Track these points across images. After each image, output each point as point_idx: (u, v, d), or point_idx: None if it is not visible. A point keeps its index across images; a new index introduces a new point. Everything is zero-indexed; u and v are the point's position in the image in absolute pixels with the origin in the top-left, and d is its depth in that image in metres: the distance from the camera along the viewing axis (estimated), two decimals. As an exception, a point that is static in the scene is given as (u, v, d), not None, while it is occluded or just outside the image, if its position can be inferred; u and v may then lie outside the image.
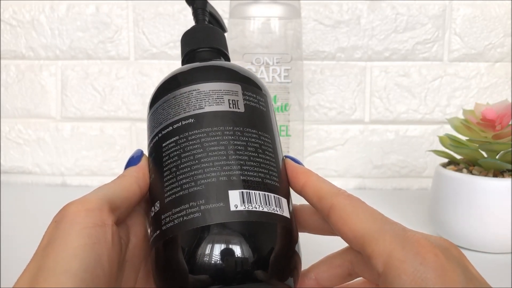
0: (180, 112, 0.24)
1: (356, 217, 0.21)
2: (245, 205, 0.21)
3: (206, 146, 0.23)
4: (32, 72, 0.67)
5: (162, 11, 0.65)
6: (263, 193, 0.22)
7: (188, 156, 0.23)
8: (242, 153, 0.23)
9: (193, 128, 0.23)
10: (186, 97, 0.25)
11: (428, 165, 0.66)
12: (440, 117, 0.66)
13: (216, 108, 0.24)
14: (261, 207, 0.22)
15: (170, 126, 0.24)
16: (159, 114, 0.25)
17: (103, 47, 0.66)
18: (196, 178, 0.22)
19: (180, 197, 0.22)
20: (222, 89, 0.25)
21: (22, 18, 0.66)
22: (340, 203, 0.22)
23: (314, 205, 0.24)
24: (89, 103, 0.67)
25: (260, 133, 0.24)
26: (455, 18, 0.64)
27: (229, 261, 0.20)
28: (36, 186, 0.67)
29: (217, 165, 0.22)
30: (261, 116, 0.25)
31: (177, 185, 0.22)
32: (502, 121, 0.42)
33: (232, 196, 0.21)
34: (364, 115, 0.66)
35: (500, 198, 0.40)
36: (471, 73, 0.65)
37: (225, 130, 0.23)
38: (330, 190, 0.23)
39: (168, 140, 0.24)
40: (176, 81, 0.26)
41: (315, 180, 0.24)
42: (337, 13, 0.64)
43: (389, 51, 0.65)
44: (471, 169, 0.43)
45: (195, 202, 0.21)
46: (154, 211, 0.23)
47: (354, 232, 0.21)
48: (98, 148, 0.67)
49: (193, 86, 0.25)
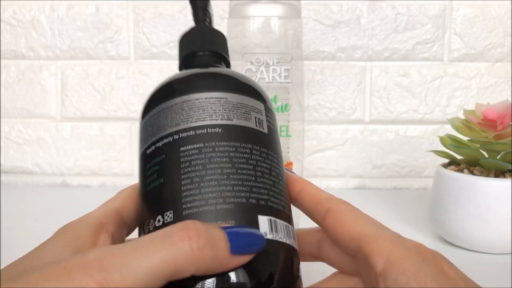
0: (205, 117, 0.22)
1: (354, 220, 0.22)
2: (273, 234, 0.20)
3: (235, 162, 0.21)
4: (32, 72, 0.67)
5: (162, 11, 0.65)
6: (285, 224, 0.21)
7: (215, 169, 0.21)
8: (268, 177, 0.22)
9: (221, 139, 0.22)
10: (213, 104, 0.23)
11: (428, 165, 0.66)
12: (440, 117, 0.66)
13: (245, 123, 0.23)
14: (285, 238, 0.21)
15: (192, 131, 0.22)
16: (175, 113, 0.23)
17: (103, 47, 0.66)
18: (225, 194, 0.20)
19: (204, 213, 0.20)
20: (249, 104, 0.24)
21: (22, 18, 0.66)
22: (338, 207, 0.23)
23: (309, 210, 0.24)
24: (89, 103, 0.67)
25: (279, 159, 0.24)
26: (455, 18, 0.64)
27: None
28: (36, 186, 0.67)
29: (246, 185, 0.21)
30: (278, 141, 0.25)
31: (201, 198, 0.20)
32: (503, 121, 0.42)
33: (262, 222, 0.20)
34: (364, 115, 0.66)
35: (501, 199, 0.40)
36: (471, 73, 0.65)
37: (253, 149, 0.22)
38: (327, 196, 0.24)
39: (190, 145, 0.22)
40: (202, 82, 0.24)
41: (312, 187, 0.25)
42: (337, 13, 0.64)
43: (389, 51, 0.65)
44: (472, 169, 0.43)
45: (223, 221, 0.20)
46: (163, 221, 0.20)
47: (351, 233, 0.21)
48: (98, 148, 0.67)
49: (222, 93, 0.23)
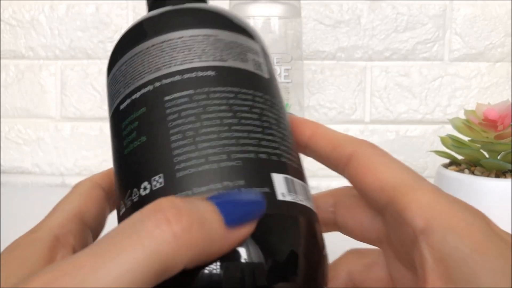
0: (193, 59, 0.18)
1: (385, 165, 0.18)
2: (291, 195, 0.17)
3: (237, 111, 0.17)
4: (32, 72, 0.66)
5: (162, 11, 0.65)
6: (302, 183, 0.18)
7: (212, 119, 0.17)
8: (277, 128, 0.18)
9: (216, 83, 0.18)
10: (200, 42, 0.19)
11: (429, 165, 0.66)
12: (440, 117, 0.66)
13: (242, 65, 0.19)
14: (305, 200, 0.17)
15: (178, 75, 0.18)
16: (154, 56, 0.19)
17: (103, 47, 0.66)
18: (229, 149, 0.16)
19: (205, 173, 0.16)
20: (244, 44, 0.20)
21: (22, 18, 0.66)
22: (364, 151, 0.19)
23: (326, 156, 0.20)
24: (89, 103, 0.66)
25: (285, 109, 0.20)
26: (456, 18, 0.64)
27: (276, 263, 0.15)
28: (35, 186, 0.67)
29: (253, 138, 0.17)
30: (278, 88, 0.21)
31: (199, 155, 0.16)
32: (504, 121, 0.42)
33: (277, 181, 0.16)
34: (364, 115, 0.66)
35: (502, 199, 0.40)
36: (472, 73, 0.65)
37: (255, 95, 0.18)
38: (349, 138, 0.19)
39: (177, 93, 0.17)
40: (184, 17, 0.20)
41: (326, 129, 0.20)
42: (337, 12, 0.64)
43: (390, 51, 0.65)
44: (472, 169, 0.43)
45: (231, 182, 0.16)
46: (150, 188, 0.16)
47: (382, 182, 0.17)
48: (98, 148, 0.67)
49: (211, 30, 0.19)
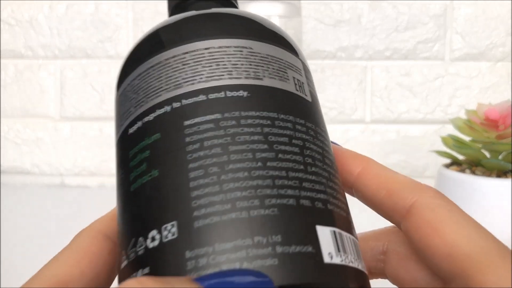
0: (221, 75, 0.15)
1: (456, 225, 0.14)
2: (340, 255, 0.13)
3: (273, 142, 0.14)
4: (31, 71, 0.66)
5: (162, 10, 0.65)
6: (351, 238, 0.14)
7: (243, 152, 0.13)
8: (322, 165, 0.15)
9: (249, 106, 0.14)
10: (231, 55, 0.16)
11: (430, 165, 0.66)
12: (441, 117, 0.65)
13: (281, 85, 0.16)
14: (356, 261, 0.14)
15: (202, 95, 0.15)
16: (174, 69, 0.15)
17: (102, 46, 0.65)
18: (263, 193, 0.13)
19: (231, 223, 0.12)
20: (284, 59, 0.17)
21: (21, 17, 0.65)
22: (428, 202, 0.15)
23: (378, 201, 0.16)
24: (88, 103, 0.66)
25: (329, 139, 0.17)
26: (457, 17, 0.64)
27: None
28: (34, 186, 0.67)
29: (293, 178, 0.13)
30: (321, 113, 0.17)
31: (223, 199, 0.13)
32: (505, 121, 0.42)
33: (322, 237, 0.13)
34: (365, 114, 0.66)
35: (503, 199, 0.39)
36: (473, 73, 0.65)
37: (296, 123, 0.15)
38: (408, 183, 0.16)
39: (199, 117, 0.14)
40: (212, 24, 0.16)
41: (378, 168, 0.17)
42: (338, 12, 0.64)
43: (390, 51, 0.64)
44: (473, 169, 0.43)
45: (264, 237, 0.12)
46: (160, 239, 0.13)
47: (451, 247, 0.14)
48: (97, 148, 0.67)
49: (244, 41, 0.16)
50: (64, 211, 0.54)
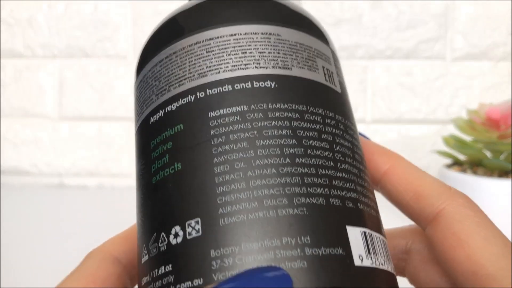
0: (248, 64, 0.14)
1: (482, 240, 0.13)
2: (371, 257, 0.12)
3: (302, 137, 0.13)
4: (30, 71, 0.66)
5: (161, 10, 0.64)
6: (382, 239, 0.14)
7: (270, 147, 0.13)
8: (352, 162, 0.14)
9: (277, 98, 0.14)
10: (258, 42, 0.15)
11: (431, 165, 0.66)
12: (442, 117, 0.65)
13: (310, 75, 0.15)
14: (386, 263, 0.13)
15: (228, 85, 0.14)
16: (198, 56, 0.15)
17: (101, 46, 0.65)
18: (291, 191, 0.12)
19: (257, 222, 0.12)
20: (313, 47, 0.16)
21: (20, 16, 0.65)
22: (456, 212, 0.14)
23: (404, 202, 0.15)
24: (87, 102, 0.66)
25: (357, 134, 0.16)
26: (458, 16, 0.64)
27: None
28: (33, 186, 0.67)
29: (323, 175, 0.13)
30: (350, 106, 0.17)
31: (250, 196, 0.12)
32: (507, 121, 0.41)
33: (353, 238, 0.12)
34: (366, 114, 0.65)
35: (504, 199, 0.39)
36: (474, 72, 0.65)
37: (326, 116, 0.14)
38: (438, 187, 0.15)
39: (225, 108, 0.14)
40: (239, 8, 0.16)
41: (407, 166, 0.16)
42: (339, 11, 0.64)
43: (391, 50, 0.64)
44: (475, 169, 0.43)
45: (293, 238, 0.12)
46: (184, 236, 0.12)
47: (474, 264, 0.13)
48: (96, 148, 0.66)
49: (272, 27, 0.15)
50: (63, 211, 0.54)
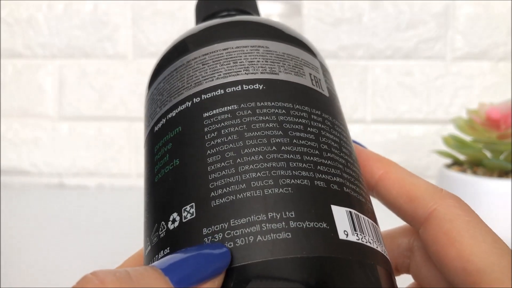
0: (238, 71, 0.16)
1: (472, 239, 0.14)
2: (357, 234, 0.13)
3: (288, 129, 0.14)
4: (29, 71, 0.66)
5: (161, 9, 0.64)
6: (371, 222, 0.15)
7: (258, 138, 0.14)
8: (338, 153, 0.15)
9: (264, 97, 0.15)
10: (248, 54, 0.17)
11: (431, 165, 0.66)
12: (443, 117, 0.65)
13: (296, 79, 0.16)
14: (374, 243, 0.14)
15: (220, 89, 0.16)
16: (195, 69, 0.17)
17: (101, 45, 0.65)
18: (277, 173, 0.13)
19: (247, 201, 0.13)
20: (300, 57, 0.17)
21: (19, 16, 0.65)
22: (447, 212, 0.15)
23: (398, 205, 0.16)
24: (87, 102, 0.66)
25: (348, 133, 0.17)
26: (458, 16, 0.64)
27: None
28: (33, 186, 0.67)
29: (308, 161, 0.14)
30: (341, 111, 0.18)
31: (239, 179, 0.13)
32: (507, 121, 0.41)
33: (338, 215, 0.13)
34: (366, 114, 0.65)
35: (504, 199, 0.39)
36: (474, 72, 0.64)
37: (311, 113, 0.15)
38: (429, 189, 0.16)
39: (217, 108, 0.15)
40: (231, 29, 0.18)
41: (400, 172, 0.17)
42: (339, 11, 0.63)
43: (391, 50, 0.64)
44: (475, 169, 0.43)
45: (278, 213, 0.13)
46: (180, 220, 0.13)
47: (466, 261, 0.14)
48: (96, 148, 0.66)
49: (260, 41, 0.17)
50: (62, 211, 0.54)
